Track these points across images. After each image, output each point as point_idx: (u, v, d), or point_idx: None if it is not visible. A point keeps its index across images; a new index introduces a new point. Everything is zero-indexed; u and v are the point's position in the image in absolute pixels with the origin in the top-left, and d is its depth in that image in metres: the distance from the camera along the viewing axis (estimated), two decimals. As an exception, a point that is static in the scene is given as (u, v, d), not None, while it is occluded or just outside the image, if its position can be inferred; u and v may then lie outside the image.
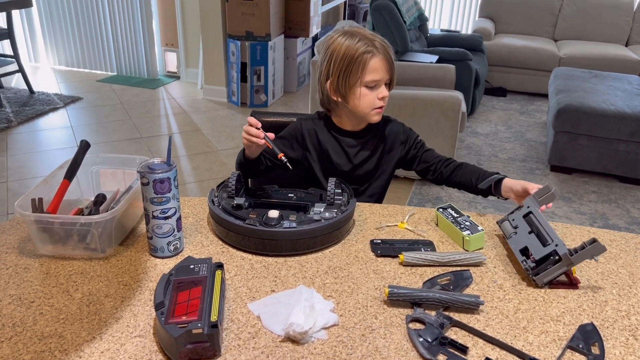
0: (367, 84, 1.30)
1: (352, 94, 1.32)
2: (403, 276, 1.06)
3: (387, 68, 1.30)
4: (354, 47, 1.28)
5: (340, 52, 1.29)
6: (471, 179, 1.35)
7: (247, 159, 1.33)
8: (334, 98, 1.35)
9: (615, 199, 3.18)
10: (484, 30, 5.20)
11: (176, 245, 1.09)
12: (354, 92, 1.31)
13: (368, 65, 1.28)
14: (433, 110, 2.99)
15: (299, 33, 4.69)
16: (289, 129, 1.45)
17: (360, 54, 1.27)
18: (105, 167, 1.29)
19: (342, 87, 1.32)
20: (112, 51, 5.13)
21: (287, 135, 1.44)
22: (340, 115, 1.41)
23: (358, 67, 1.28)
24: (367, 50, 1.27)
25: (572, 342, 0.89)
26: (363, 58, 1.27)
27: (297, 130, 1.43)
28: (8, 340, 0.86)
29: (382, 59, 1.29)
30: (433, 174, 1.43)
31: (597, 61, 4.81)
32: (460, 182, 1.38)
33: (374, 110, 1.34)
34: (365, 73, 1.28)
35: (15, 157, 3.38)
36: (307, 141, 1.42)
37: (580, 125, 3.31)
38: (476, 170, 1.37)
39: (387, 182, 1.49)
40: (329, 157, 1.42)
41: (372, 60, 1.28)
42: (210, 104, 4.49)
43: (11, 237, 1.15)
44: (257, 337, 0.88)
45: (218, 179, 3.19)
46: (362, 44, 1.28)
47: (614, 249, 1.20)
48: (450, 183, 1.41)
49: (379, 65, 1.28)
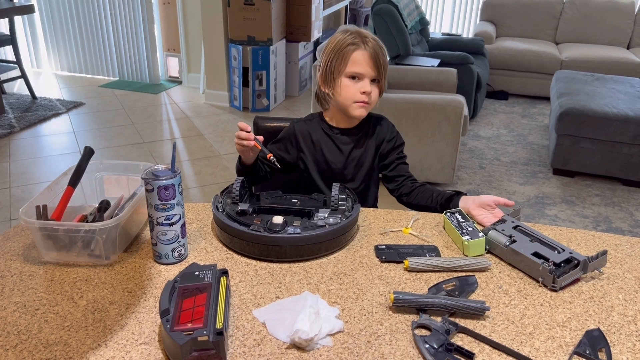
0: (348, 75, 1.32)
1: (336, 85, 1.35)
2: (408, 282, 1.06)
3: (372, 64, 1.31)
4: (343, 39, 1.32)
5: (332, 43, 1.34)
6: (432, 194, 1.38)
7: (243, 165, 1.35)
8: (323, 89, 1.39)
9: (619, 202, 3.18)
10: (485, 33, 5.20)
11: (181, 251, 1.09)
12: (337, 82, 1.34)
13: (351, 57, 1.31)
14: (435, 114, 2.99)
15: (301, 37, 4.70)
16: (283, 132, 1.48)
17: (345, 45, 1.31)
18: (109, 174, 1.29)
19: (328, 78, 1.35)
20: (114, 56, 5.15)
21: (281, 139, 1.47)
22: (332, 110, 1.44)
23: (342, 58, 1.31)
24: (353, 42, 1.31)
25: (578, 348, 0.89)
26: (348, 49, 1.31)
27: (291, 132, 1.45)
28: (13, 348, 0.85)
29: (367, 53, 1.31)
30: (396, 185, 1.46)
31: (599, 64, 4.81)
32: (421, 198, 1.41)
33: (356, 104, 1.35)
34: (347, 63, 1.31)
35: (17, 162, 3.39)
36: (301, 142, 1.44)
37: (582, 129, 3.31)
38: (437, 190, 1.40)
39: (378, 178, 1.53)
40: (323, 156, 1.44)
41: (355, 52, 1.30)
42: (212, 109, 4.50)
43: (15, 244, 1.15)
44: (263, 344, 0.88)
45: (221, 184, 3.19)
46: (352, 37, 1.31)
47: (620, 253, 1.19)
48: (410, 198, 1.43)
49: (362, 58, 1.30)
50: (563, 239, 1.24)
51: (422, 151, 3.09)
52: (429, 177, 3.16)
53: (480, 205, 1.27)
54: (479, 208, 1.28)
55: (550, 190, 3.29)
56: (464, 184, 3.29)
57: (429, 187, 1.42)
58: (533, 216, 2.96)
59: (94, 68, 5.27)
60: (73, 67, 5.32)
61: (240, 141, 1.26)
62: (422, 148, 3.08)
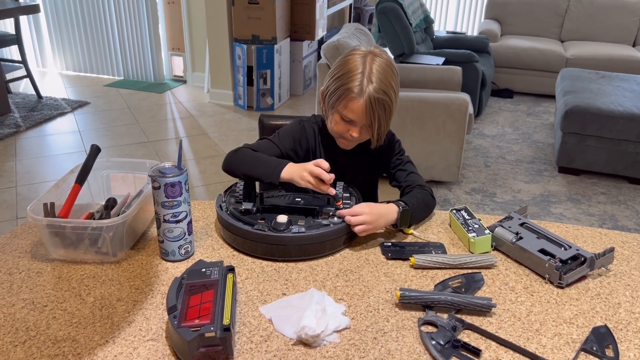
0: (341, 116, 1.28)
1: (330, 114, 1.32)
2: (414, 279, 1.06)
3: (366, 115, 1.25)
4: (351, 77, 1.24)
5: (341, 72, 1.27)
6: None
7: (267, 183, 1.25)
8: (322, 106, 1.37)
9: (625, 200, 3.17)
10: (490, 31, 5.19)
11: (187, 248, 1.10)
12: (332, 112, 1.31)
13: (349, 104, 1.25)
14: (440, 112, 2.99)
15: (305, 36, 4.70)
16: (294, 129, 1.42)
17: (348, 89, 1.24)
18: (116, 172, 1.29)
19: (326, 103, 1.33)
20: (119, 56, 5.16)
21: (295, 136, 1.41)
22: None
23: (341, 98, 1.26)
24: (355, 91, 1.23)
25: (586, 345, 0.89)
26: (348, 94, 1.24)
27: (302, 131, 1.41)
28: (22, 344, 0.86)
29: (362, 105, 1.23)
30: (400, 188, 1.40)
31: (604, 62, 4.79)
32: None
33: (341, 139, 1.34)
34: (343, 107, 1.26)
35: (23, 161, 3.40)
36: (309, 142, 1.41)
37: (588, 127, 3.30)
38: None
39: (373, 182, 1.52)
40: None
41: (352, 101, 1.24)
42: (216, 108, 4.51)
43: (23, 242, 1.15)
44: (269, 340, 0.88)
45: (225, 182, 3.19)
46: (359, 81, 1.23)
47: (626, 250, 1.19)
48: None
49: (357, 108, 1.24)
50: (570, 236, 1.23)
51: (427, 149, 3.08)
52: (433, 176, 3.15)
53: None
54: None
55: (555, 188, 3.28)
56: (468, 182, 3.28)
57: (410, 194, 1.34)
58: (538, 214, 2.95)
59: (99, 67, 5.28)
60: (78, 66, 5.34)
61: (319, 185, 1.17)
62: (426, 146, 3.08)
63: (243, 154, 1.30)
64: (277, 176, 1.22)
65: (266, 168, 1.24)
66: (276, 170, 1.22)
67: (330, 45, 2.98)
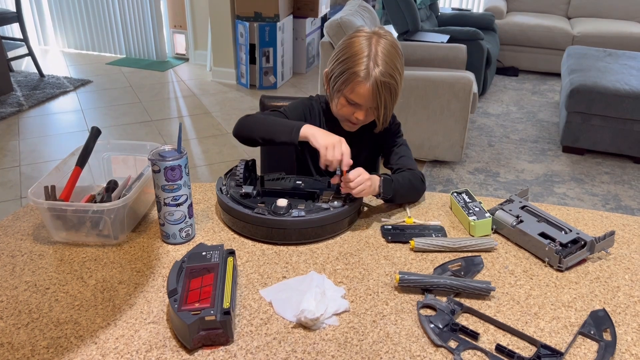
0: (347, 98, 1.27)
1: (334, 97, 1.31)
2: (414, 262, 1.06)
3: (372, 98, 1.24)
4: (357, 61, 1.22)
5: (346, 55, 1.25)
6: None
7: (281, 142, 1.24)
8: (325, 87, 1.36)
9: (629, 180, 3.15)
10: (495, 8, 5.11)
11: (188, 231, 1.10)
12: (336, 96, 1.29)
13: (355, 87, 1.24)
14: (444, 91, 2.96)
15: (308, 13, 4.64)
16: (304, 104, 1.42)
17: (354, 73, 1.22)
18: (117, 154, 1.29)
19: (330, 86, 1.31)
20: (120, 33, 5.12)
21: (304, 110, 1.40)
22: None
23: (346, 81, 1.24)
24: (361, 75, 1.22)
25: (583, 328, 0.89)
26: (355, 78, 1.23)
27: (311, 108, 1.40)
28: (25, 326, 0.87)
29: (369, 89, 1.22)
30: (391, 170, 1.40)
31: (612, 39, 4.72)
32: None
33: (346, 122, 1.34)
34: (349, 90, 1.25)
35: (26, 141, 3.41)
36: (314, 121, 1.40)
37: (593, 106, 3.27)
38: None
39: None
40: None
41: (359, 85, 1.23)
42: (219, 86, 4.48)
43: (25, 224, 1.16)
44: (269, 323, 0.89)
45: (228, 162, 3.20)
46: (365, 64, 1.21)
47: (627, 233, 1.19)
48: None
49: (363, 92, 1.23)
50: (571, 219, 1.23)
51: (431, 129, 3.06)
52: (437, 155, 3.14)
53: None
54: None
55: (559, 168, 3.27)
56: (472, 162, 3.27)
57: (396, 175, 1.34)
58: (542, 194, 2.95)
59: (100, 45, 5.25)
60: (80, 44, 5.31)
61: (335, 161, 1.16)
62: (430, 125, 3.06)
63: (256, 116, 1.31)
64: (296, 133, 1.21)
65: (284, 127, 1.24)
66: (295, 127, 1.21)
67: (334, 23, 2.94)
